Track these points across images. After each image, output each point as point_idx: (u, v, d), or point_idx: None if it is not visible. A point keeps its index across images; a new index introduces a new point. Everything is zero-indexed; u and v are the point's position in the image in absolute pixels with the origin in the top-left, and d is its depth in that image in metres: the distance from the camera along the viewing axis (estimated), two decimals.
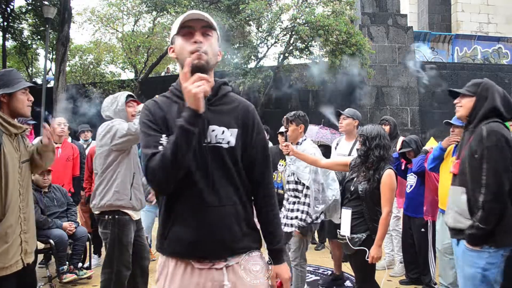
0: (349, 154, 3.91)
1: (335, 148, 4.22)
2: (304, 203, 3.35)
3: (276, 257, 1.61)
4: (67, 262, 3.94)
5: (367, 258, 2.65)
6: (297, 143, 3.55)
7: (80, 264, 4.08)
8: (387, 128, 4.55)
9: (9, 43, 17.15)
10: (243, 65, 10.12)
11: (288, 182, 3.56)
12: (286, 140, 3.09)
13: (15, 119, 2.40)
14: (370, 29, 12.22)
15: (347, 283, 4.18)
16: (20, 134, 2.41)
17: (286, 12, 9.95)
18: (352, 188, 2.79)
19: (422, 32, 15.17)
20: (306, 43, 10.07)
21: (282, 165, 4.44)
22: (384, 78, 12.08)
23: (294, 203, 3.44)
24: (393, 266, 4.60)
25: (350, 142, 4.07)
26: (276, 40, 10.40)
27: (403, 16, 12.91)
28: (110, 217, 2.80)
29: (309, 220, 3.32)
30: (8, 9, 14.97)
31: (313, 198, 3.31)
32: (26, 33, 16.96)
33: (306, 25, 9.39)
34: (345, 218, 2.78)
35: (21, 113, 2.38)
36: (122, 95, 3.06)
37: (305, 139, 3.58)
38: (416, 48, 13.35)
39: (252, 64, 10.60)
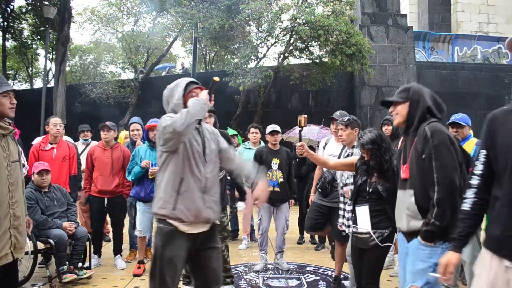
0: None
1: (324, 148, 4.23)
2: None
3: None
4: (67, 262, 3.94)
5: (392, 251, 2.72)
6: (353, 147, 3.59)
7: (80, 264, 4.08)
8: (389, 128, 4.55)
9: (9, 43, 17.14)
10: (243, 65, 10.11)
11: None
12: (300, 140, 3.12)
13: (4, 122, 2.49)
14: (370, 29, 12.22)
15: (346, 282, 4.17)
16: (9, 135, 2.53)
17: (286, 12, 9.94)
18: (369, 190, 2.86)
19: (422, 32, 15.17)
20: (306, 43, 10.07)
21: (276, 163, 4.57)
22: (384, 78, 12.08)
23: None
24: (393, 266, 4.59)
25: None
26: (276, 40, 10.40)
27: (403, 16, 12.91)
28: (157, 224, 2.42)
29: None
30: (8, 9, 14.95)
31: None
32: (26, 33, 16.92)
33: (306, 25, 9.38)
34: (363, 214, 2.89)
35: (4, 115, 2.48)
36: (180, 84, 2.41)
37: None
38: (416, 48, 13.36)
39: (252, 64, 10.60)
